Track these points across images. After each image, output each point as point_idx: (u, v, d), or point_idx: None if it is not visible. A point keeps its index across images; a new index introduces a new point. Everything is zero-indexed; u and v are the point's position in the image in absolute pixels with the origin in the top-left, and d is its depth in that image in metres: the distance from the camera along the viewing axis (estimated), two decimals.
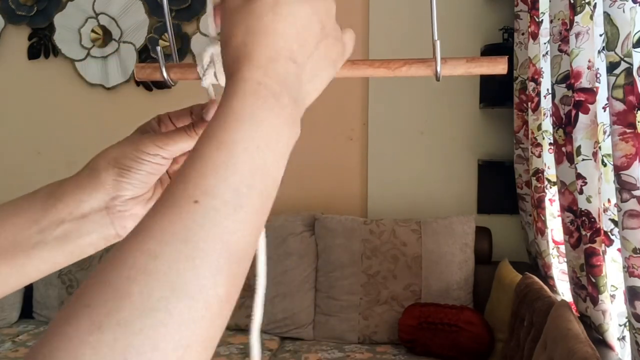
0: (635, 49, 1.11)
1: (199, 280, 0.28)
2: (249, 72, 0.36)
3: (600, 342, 1.42)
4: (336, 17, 0.42)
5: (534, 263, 2.22)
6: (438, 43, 0.44)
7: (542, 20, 1.84)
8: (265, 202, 0.34)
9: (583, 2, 1.37)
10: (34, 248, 0.43)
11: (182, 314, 0.27)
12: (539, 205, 1.95)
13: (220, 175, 0.32)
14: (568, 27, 1.44)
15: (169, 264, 0.28)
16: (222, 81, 0.44)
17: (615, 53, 1.13)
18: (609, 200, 1.38)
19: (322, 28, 0.39)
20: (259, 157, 0.33)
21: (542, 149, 1.91)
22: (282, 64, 0.36)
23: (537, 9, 1.85)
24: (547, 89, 1.85)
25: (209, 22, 0.43)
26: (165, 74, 0.48)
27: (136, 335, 0.25)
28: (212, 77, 0.46)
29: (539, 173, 1.94)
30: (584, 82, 1.38)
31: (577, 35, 1.38)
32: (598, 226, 1.40)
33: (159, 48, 0.49)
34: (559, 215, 1.70)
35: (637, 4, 1.12)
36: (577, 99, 1.40)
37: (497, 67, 0.45)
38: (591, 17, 1.37)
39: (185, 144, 0.47)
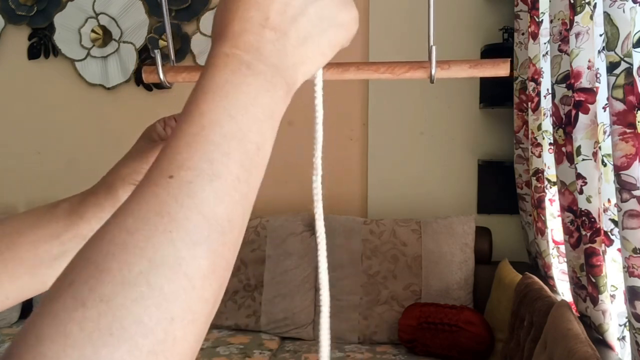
0: (635, 49, 1.11)
1: (177, 253, 0.28)
2: (218, 47, 0.36)
3: (600, 342, 1.42)
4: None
5: (534, 263, 2.22)
6: (434, 48, 0.46)
7: (542, 20, 1.84)
8: (248, 169, 0.33)
9: (583, 2, 1.37)
10: (55, 260, 0.45)
11: (162, 288, 0.27)
12: (539, 205, 1.95)
13: (193, 148, 0.31)
14: (568, 27, 1.44)
15: (145, 239, 0.28)
16: None
17: (615, 53, 1.13)
18: (609, 200, 1.38)
19: None
20: (233, 124, 0.33)
21: (542, 149, 1.91)
22: (254, 33, 0.36)
23: (537, 9, 1.85)
24: (547, 89, 1.85)
25: None
26: (162, 77, 0.48)
27: (119, 310, 0.26)
28: None
29: (539, 173, 1.94)
30: (584, 82, 1.38)
31: (577, 35, 1.38)
32: (598, 226, 1.40)
33: (157, 51, 0.49)
34: (559, 215, 1.70)
35: (637, 4, 1.12)
36: (577, 99, 1.40)
37: (500, 70, 0.46)
38: (591, 17, 1.37)
39: None
